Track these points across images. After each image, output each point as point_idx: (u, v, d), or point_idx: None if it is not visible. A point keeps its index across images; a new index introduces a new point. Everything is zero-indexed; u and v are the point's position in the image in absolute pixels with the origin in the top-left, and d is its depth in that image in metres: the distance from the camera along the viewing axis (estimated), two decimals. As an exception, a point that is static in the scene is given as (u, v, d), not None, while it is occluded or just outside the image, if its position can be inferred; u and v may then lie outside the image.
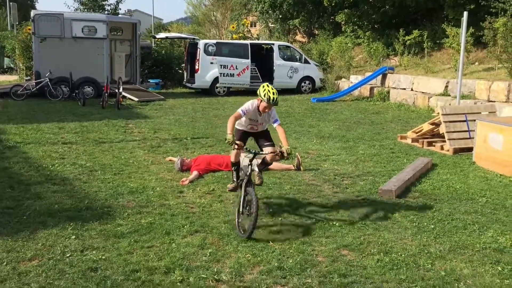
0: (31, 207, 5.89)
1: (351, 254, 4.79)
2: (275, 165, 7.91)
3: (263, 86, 5.46)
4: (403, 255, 4.77)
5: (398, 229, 5.47)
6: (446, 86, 14.37)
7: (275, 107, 5.55)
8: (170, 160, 8.34)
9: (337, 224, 5.53)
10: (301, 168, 7.81)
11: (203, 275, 4.27)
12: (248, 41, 20.33)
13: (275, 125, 5.54)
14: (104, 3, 28.08)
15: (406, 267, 4.51)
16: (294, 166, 7.85)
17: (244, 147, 5.56)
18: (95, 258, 4.57)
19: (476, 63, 15.72)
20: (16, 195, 6.36)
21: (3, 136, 10.02)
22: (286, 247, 4.90)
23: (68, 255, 4.63)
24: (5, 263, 4.42)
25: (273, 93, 5.37)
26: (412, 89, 15.78)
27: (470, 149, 8.94)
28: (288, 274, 4.34)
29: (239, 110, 5.55)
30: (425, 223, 5.65)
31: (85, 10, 27.40)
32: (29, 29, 18.47)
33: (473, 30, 14.26)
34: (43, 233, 5.12)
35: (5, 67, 28.01)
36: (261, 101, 5.44)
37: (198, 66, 18.24)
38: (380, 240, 5.15)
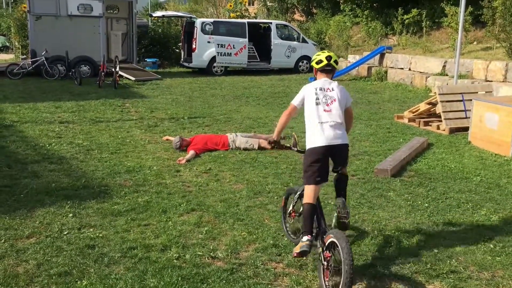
0: (29, 185, 5.92)
1: (346, 232, 4.84)
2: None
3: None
4: (397, 233, 4.84)
5: (393, 207, 5.53)
6: (444, 66, 14.34)
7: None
8: (167, 140, 8.36)
9: (332, 203, 5.55)
10: (298, 147, 7.72)
11: (199, 253, 4.33)
12: (245, 20, 20.17)
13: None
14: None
15: (400, 245, 4.58)
16: (290, 145, 7.80)
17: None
18: (92, 235, 4.62)
19: (475, 43, 15.64)
20: (13, 173, 6.39)
21: (0, 115, 10.01)
22: (282, 225, 4.96)
23: (65, 232, 4.67)
24: (3, 241, 4.46)
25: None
26: (409, 69, 15.74)
27: (466, 129, 8.97)
28: (283, 252, 4.40)
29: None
30: (419, 202, 5.71)
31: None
32: (24, 7, 18.28)
33: (472, 9, 14.17)
34: (40, 211, 5.16)
35: (0, 45, 27.77)
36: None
37: (195, 45, 18.11)
38: (374, 218, 5.20)
